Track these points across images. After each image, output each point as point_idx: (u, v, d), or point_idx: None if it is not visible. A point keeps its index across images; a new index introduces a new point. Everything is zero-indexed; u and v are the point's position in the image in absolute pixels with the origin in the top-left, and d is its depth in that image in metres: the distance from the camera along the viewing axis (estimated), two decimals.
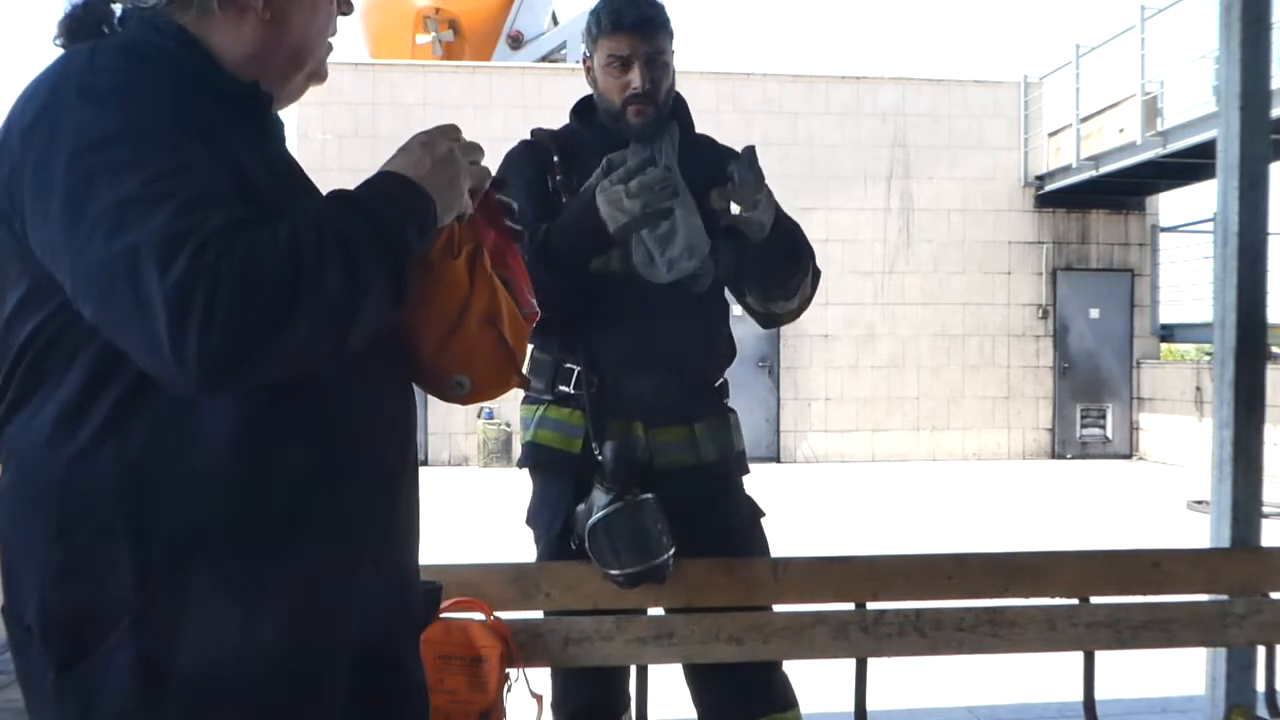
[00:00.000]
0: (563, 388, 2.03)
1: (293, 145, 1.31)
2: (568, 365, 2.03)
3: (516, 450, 11.81)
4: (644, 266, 1.99)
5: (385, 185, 1.14)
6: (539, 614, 2.10)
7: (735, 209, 1.94)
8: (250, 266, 0.97)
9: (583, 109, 2.14)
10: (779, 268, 2.07)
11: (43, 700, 1.09)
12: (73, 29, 1.18)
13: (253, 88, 1.19)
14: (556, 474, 2.04)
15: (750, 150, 1.97)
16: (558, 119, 2.23)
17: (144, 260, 0.96)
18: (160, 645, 1.04)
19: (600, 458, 1.92)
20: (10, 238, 1.06)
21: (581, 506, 1.93)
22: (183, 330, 0.95)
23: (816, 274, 2.16)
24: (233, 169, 1.08)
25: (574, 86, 2.12)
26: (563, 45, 13.82)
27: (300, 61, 1.24)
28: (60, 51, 1.17)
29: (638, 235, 1.97)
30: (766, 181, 1.97)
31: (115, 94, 1.05)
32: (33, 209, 1.03)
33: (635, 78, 2.00)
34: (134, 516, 1.04)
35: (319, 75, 1.28)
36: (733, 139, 2.26)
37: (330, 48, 1.29)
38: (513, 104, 10.88)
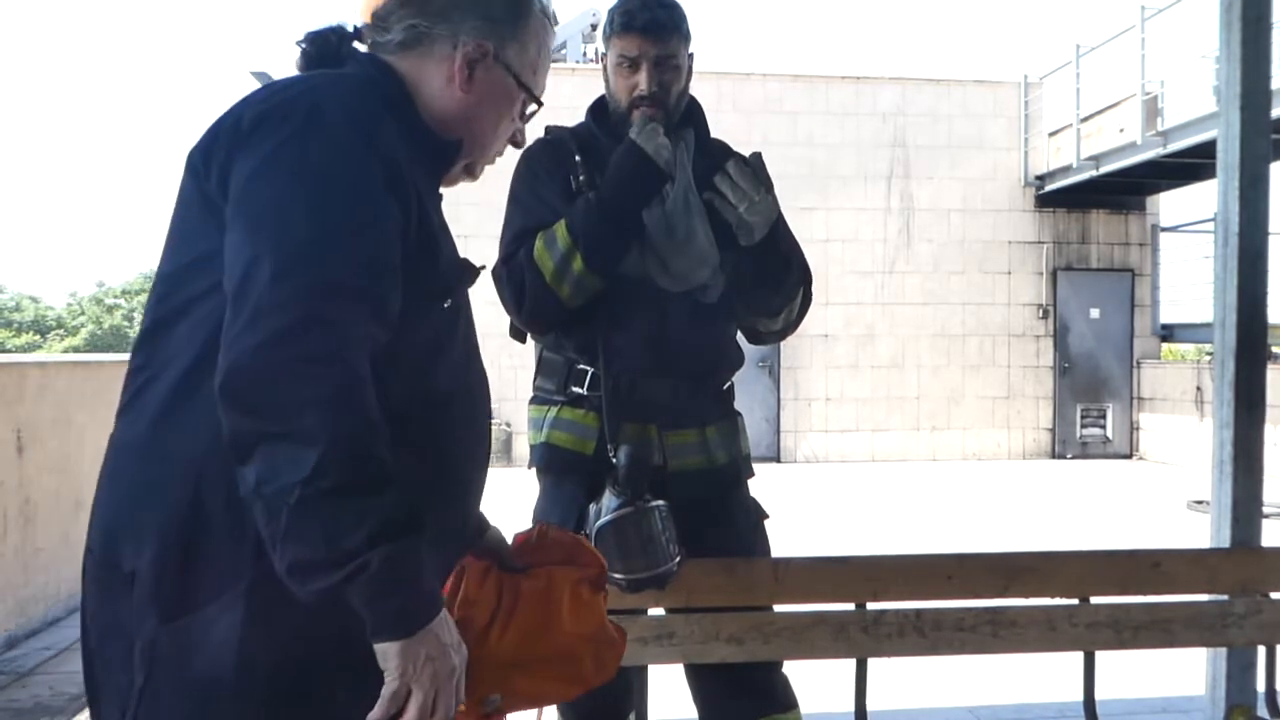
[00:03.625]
0: (575, 389, 2.03)
1: None
2: (580, 366, 2.03)
3: (516, 450, 11.69)
4: (657, 275, 2.00)
5: (395, 569, 1.07)
6: None
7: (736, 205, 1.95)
8: (322, 387, 1.04)
9: (598, 109, 2.13)
10: (765, 281, 2.06)
11: (126, 647, 1.12)
12: (309, 54, 1.32)
13: (456, 145, 1.32)
14: (568, 475, 2.03)
15: (757, 155, 1.98)
16: (557, 119, 2.22)
17: (266, 277, 1.05)
18: (264, 616, 1.10)
19: (615, 460, 1.91)
20: (203, 200, 1.17)
21: (594, 506, 1.93)
22: (235, 347, 1.04)
23: (807, 299, 2.15)
24: (421, 217, 1.20)
25: (574, 86, 2.13)
26: (563, 45, 13.80)
27: (473, 146, 1.35)
28: (295, 69, 1.31)
29: (650, 244, 1.99)
30: (773, 192, 1.97)
31: (340, 130, 1.16)
32: (238, 176, 1.14)
33: (642, 80, 1.99)
34: None
35: (473, 173, 1.40)
36: (733, 139, 2.26)
37: (492, 160, 1.41)
38: None
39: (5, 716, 3.52)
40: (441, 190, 1.37)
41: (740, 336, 2.19)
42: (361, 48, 1.34)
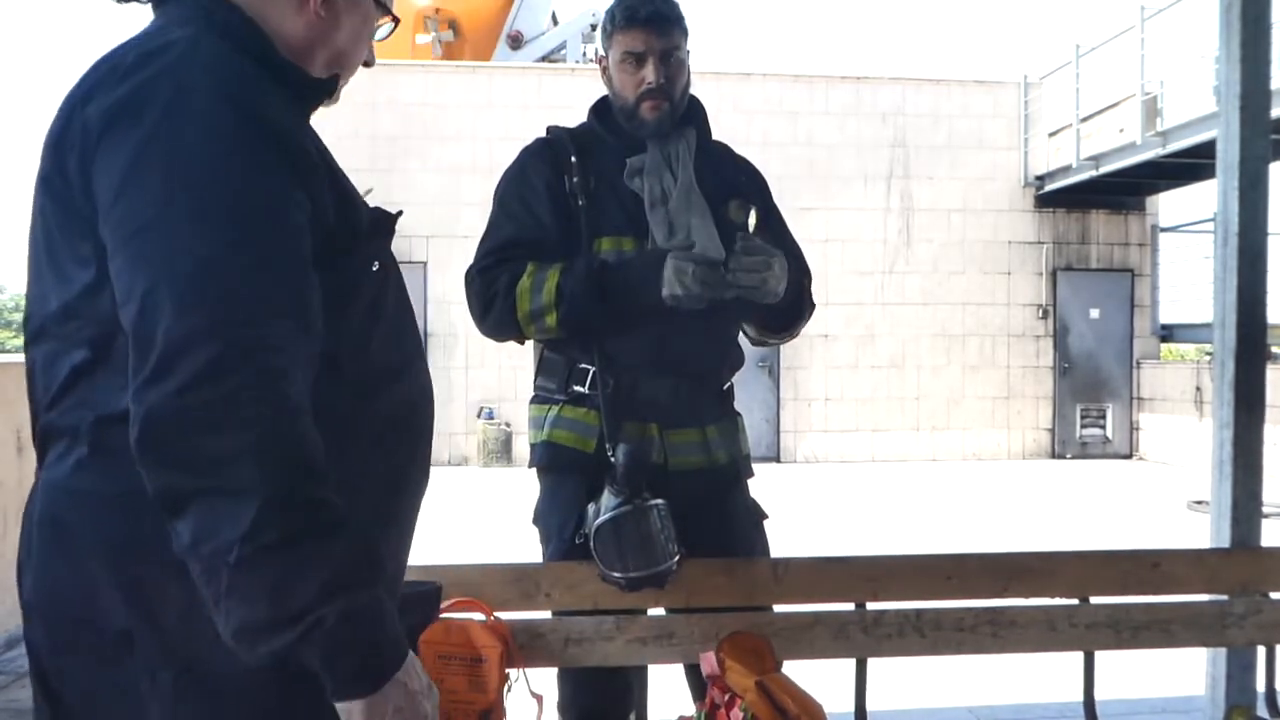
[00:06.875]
0: (577, 388, 2.03)
1: None
2: (582, 365, 2.02)
3: (516, 450, 11.68)
4: None
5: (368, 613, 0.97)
6: (539, 614, 2.09)
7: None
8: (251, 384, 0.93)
9: (601, 108, 2.13)
10: (777, 318, 2.12)
11: (140, 707, 1.03)
12: None
13: (331, 82, 1.20)
14: (569, 474, 2.03)
15: (753, 237, 1.95)
16: (557, 119, 2.23)
17: (168, 310, 0.93)
18: None
19: (613, 459, 1.92)
20: (71, 208, 1.02)
21: (592, 506, 1.93)
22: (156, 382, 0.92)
23: (810, 306, 2.18)
24: (332, 181, 1.10)
25: (574, 86, 2.14)
26: (562, 45, 13.83)
27: (337, 65, 1.22)
28: (116, 7, 1.15)
29: (652, 244, 1.99)
30: (771, 252, 1.95)
31: (213, 114, 1.00)
32: (103, 187, 0.99)
33: (649, 73, 2.00)
34: None
35: (335, 97, 1.26)
36: (733, 139, 2.27)
37: (355, 71, 1.28)
38: (513, 104, 10.85)
39: (5, 717, 3.52)
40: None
41: (741, 337, 2.20)
42: None
